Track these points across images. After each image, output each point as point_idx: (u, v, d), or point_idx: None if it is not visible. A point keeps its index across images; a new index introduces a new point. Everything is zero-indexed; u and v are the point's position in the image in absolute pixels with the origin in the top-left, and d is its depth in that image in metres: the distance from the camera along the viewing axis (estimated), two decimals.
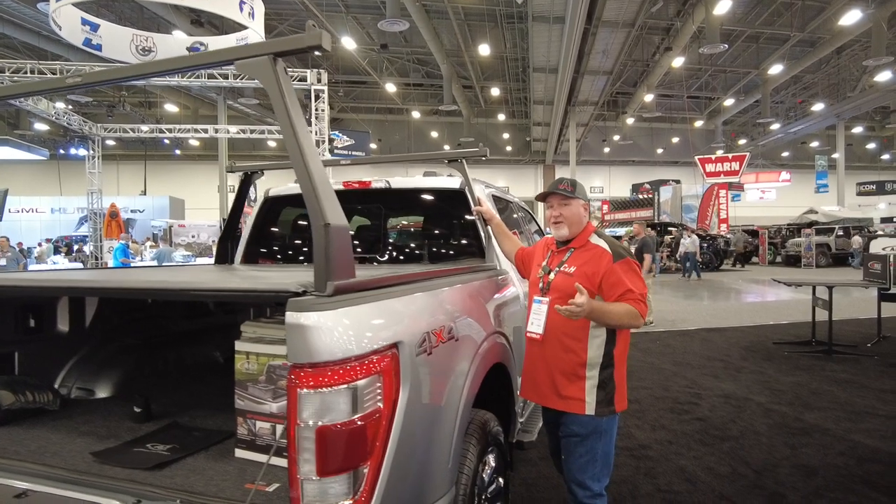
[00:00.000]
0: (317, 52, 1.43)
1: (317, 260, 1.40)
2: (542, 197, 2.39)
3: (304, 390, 1.31)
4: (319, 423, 1.31)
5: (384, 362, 1.45)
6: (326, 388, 1.32)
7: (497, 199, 3.42)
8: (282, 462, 1.46)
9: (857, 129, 36.91)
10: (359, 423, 1.36)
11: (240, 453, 1.85)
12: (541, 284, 2.33)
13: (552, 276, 2.29)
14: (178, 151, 31.29)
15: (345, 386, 1.34)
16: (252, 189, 5.40)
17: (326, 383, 1.32)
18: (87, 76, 1.66)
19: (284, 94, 1.45)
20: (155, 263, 12.46)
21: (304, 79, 16.88)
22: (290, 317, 1.32)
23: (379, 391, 1.42)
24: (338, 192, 3.43)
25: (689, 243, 17.84)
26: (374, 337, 1.44)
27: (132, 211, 25.03)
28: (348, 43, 21.24)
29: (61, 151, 22.82)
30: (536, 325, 2.27)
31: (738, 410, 4.64)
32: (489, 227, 2.90)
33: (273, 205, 3.62)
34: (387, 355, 1.46)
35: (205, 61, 1.56)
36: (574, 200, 2.29)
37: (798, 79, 29.01)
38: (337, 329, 1.35)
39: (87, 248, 20.25)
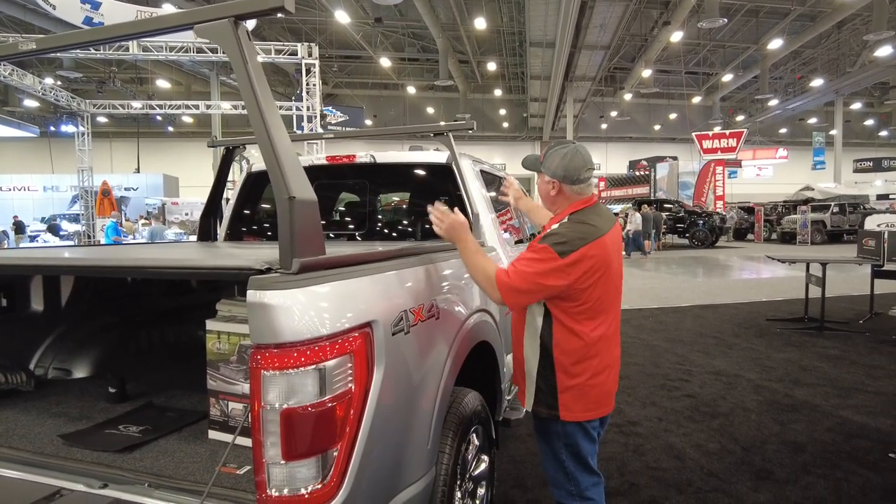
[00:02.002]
0: (280, 14, 1.35)
1: (282, 236, 1.34)
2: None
3: (269, 372, 1.26)
4: (285, 406, 1.26)
5: (355, 342, 1.39)
6: (292, 369, 1.26)
7: (486, 176, 3.34)
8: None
9: (856, 106, 36.66)
10: (327, 405, 1.31)
11: (213, 435, 1.81)
12: None
13: None
14: (170, 128, 30.89)
15: (312, 367, 1.28)
16: (244, 164, 5.30)
17: (292, 364, 1.26)
18: (41, 41, 1.56)
19: (247, 60, 1.37)
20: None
21: (294, 52, 16.57)
22: (252, 295, 1.25)
23: (350, 372, 1.37)
24: (321, 168, 3.38)
25: (636, 221, 18.05)
26: (343, 316, 1.38)
27: (126, 189, 24.80)
28: (342, 17, 20.82)
29: (52, 128, 22.48)
30: None
31: (728, 387, 4.64)
32: (517, 208, 2.69)
33: (256, 180, 3.54)
34: (358, 335, 1.41)
35: (163, 25, 1.47)
36: (540, 175, 2.05)
37: (798, 54, 28.68)
38: (303, 308, 1.28)
39: (72, 227, 19.88)
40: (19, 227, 19.66)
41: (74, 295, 2.68)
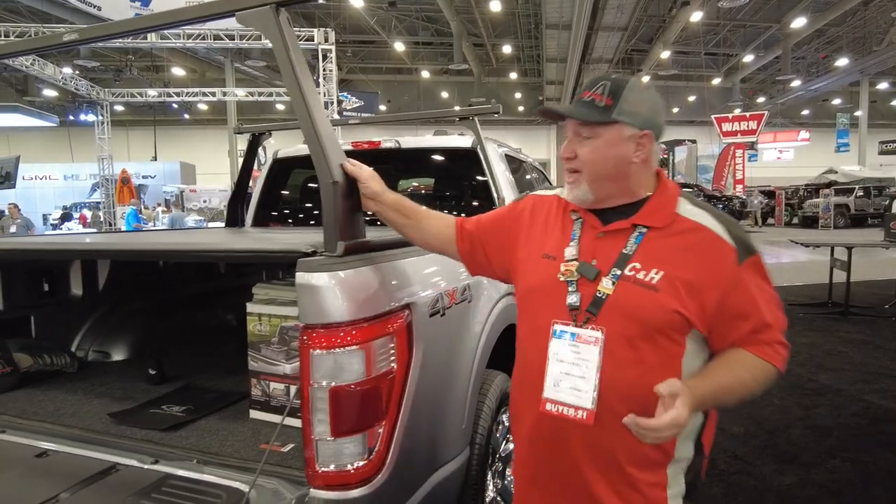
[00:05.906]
0: (320, 0, 1.36)
1: (326, 219, 1.37)
2: (548, 114, 1.33)
3: (317, 351, 1.30)
4: (333, 384, 1.30)
5: (397, 323, 1.43)
6: (339, 348, 1.30)
7: (510, 159, 3.34)
8: (295, 422, 1.46)
9: (882, 85, 35.60)
10: (372, 383, 1.35)
11: (254, 414, 1.87)
12: (572, 298, 1.17)
13: (607, 283, 1.15)
14: (186, 116, 31.10)
15: (357, 346, 1.32)
16: (262, 151, 5.34)
17: (339, 344, 1.30)
18: (83, 31, 1.60)
19: (289, 47, 1.39)
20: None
21: (311, 38, 16.54)
22: (301, 277, 1.29)
23: (392, 352, 1.41)
24: (346, 153, 3.40)
25: None
26: (386, 297, 1.42)
27: (143, 177, 25.06)
28: (356, 1, 20.71)
29: (71, 118, 22.76)
30: (581, 392, 1.13)
31: None
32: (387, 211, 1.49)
33: (282, 166, 3.58)
34: (399, 316, 1.44)
35: (204, 13, 1.49)
36: (606, 128, 1.16)
37: (822, 32, 27.92)
38: (349, 289, 1.32)
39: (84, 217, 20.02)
40: None
41: (110, 280, 2.75)
